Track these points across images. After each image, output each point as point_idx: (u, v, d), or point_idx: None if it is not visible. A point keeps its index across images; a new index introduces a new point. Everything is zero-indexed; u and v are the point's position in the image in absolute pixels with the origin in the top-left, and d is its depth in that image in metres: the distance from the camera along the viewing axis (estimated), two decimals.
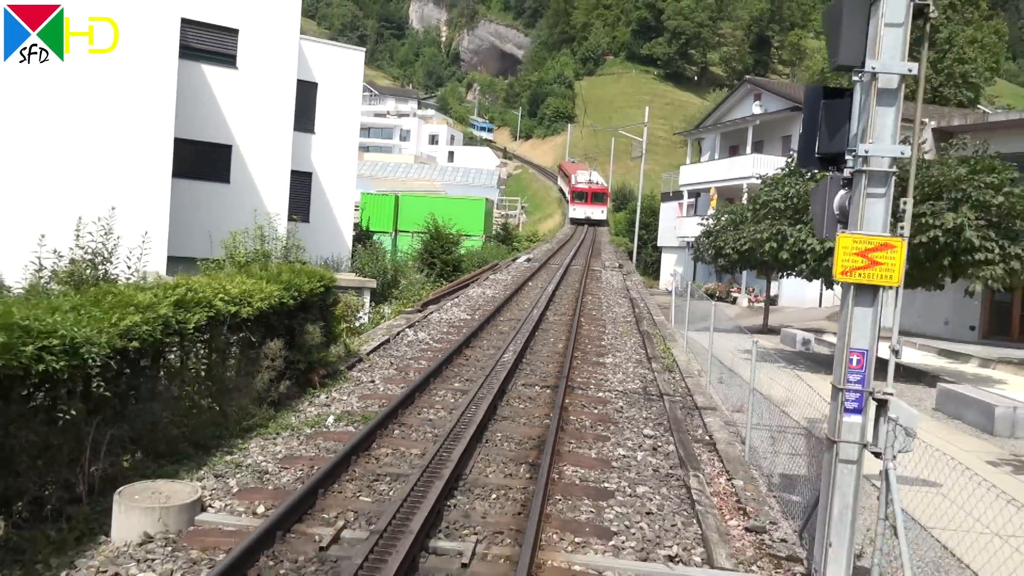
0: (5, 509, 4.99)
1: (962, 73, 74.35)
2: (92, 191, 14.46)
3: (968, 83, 75.94)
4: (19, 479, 5.04)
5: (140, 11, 15.41)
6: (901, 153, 4.93)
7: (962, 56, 74.42)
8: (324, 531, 5.51)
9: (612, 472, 7.29)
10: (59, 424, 5.34)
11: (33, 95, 14.48)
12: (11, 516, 5.04)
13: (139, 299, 6.47)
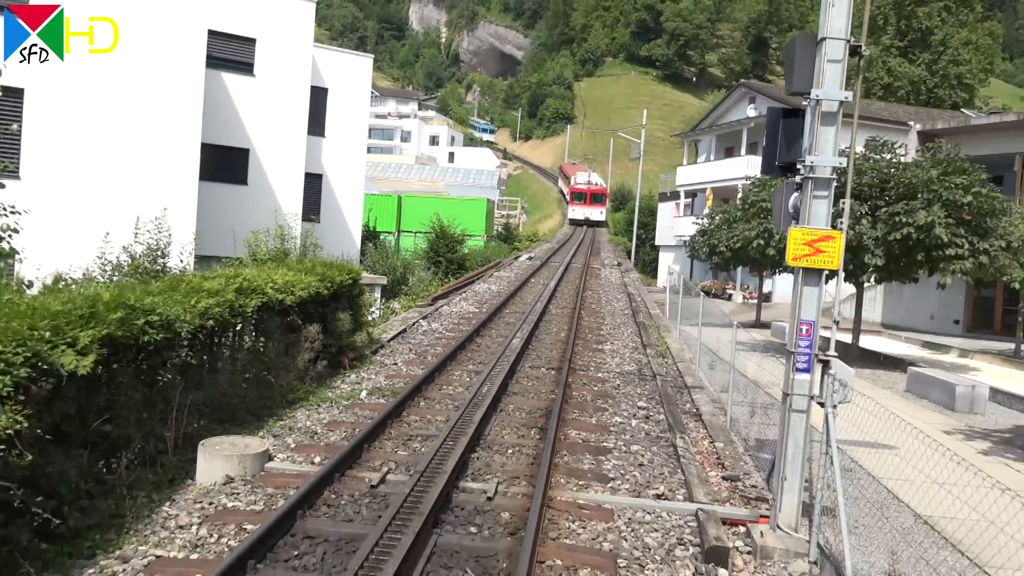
0: (118, 453, 6.17)
1: (956, 75, 75.44)
2: (131, 194, 15.67)
3: (963, 84, 77.06)
4: (128, 429, 6.23)
5: (173, 28, 16.60)
6: (840, 163, 6.12)
7: (956, 58, 75.48)
8: (372, 475, 6.71)
9: (610, 435, 8.51)
10: (156, 387, 6.54)
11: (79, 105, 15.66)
12: (122, 460, 6.22)
13: (207, 286, 7.67)
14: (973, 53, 75.43)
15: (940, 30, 74.60)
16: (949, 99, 73.89)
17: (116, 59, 15.82)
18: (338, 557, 5.21)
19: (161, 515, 5.82)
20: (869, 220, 15.59)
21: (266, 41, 22.19)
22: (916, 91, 72.66)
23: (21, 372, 4.70)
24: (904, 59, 73.80)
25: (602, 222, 62.27)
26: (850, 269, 16.20)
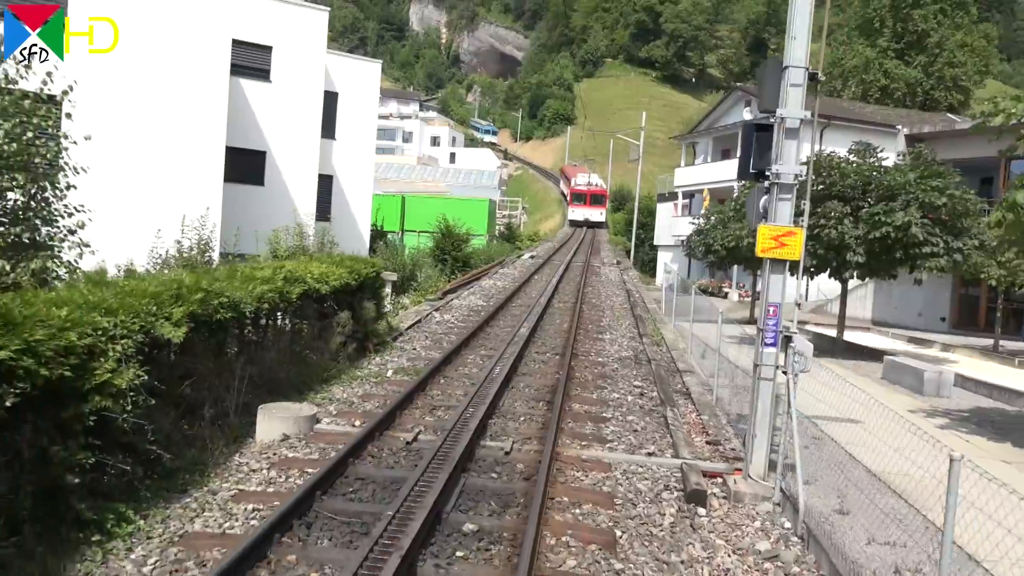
0: (193, 413, 7.37)
1: (952, 76, 76.62)
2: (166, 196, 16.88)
3: (958, 86, 78.21)
4: (203, 393, 7.43)
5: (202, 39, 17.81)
6: (800, 172, 7.32)
7: (952, 60, 76.64)
8: (406, 435, 7.92)
9: (608, 407, 9.72)
10: (223, 358, 7.74)
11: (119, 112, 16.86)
12: (196, 419, 7.42)
13: (259, 275, 8.87)
14: (968, 55, 76.61)
15: (936, 32, 75.75)
16: (945, 101, 75.06)
17: (152, 70, 17.06)
18: (386, 492, 6.41)
19: (234, 462, 7.03)
20: (851, 220, 16.78)
21: (282, 49, 23.39)
22: (912, 93, 73.87)
23: (138, 338, 5.91)
24: (900, 61, 75.02)
25: (602, 223, 63.11)
26: (834, 266, 17.42)
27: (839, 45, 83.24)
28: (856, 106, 41.79)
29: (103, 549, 5.20)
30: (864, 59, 73.44)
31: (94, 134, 9.54)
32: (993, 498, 4.59)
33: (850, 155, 18.48)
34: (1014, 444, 9.91)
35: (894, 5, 74.57)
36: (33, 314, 5.12)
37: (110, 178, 16.57)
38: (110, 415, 5.52)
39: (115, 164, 16.75)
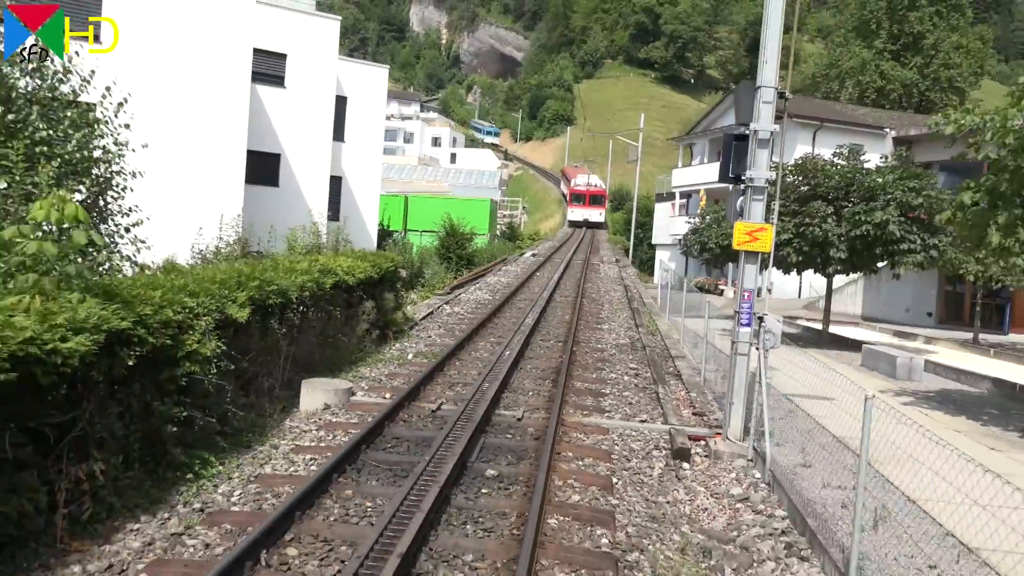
0: (249, 385, 8.59)
1: (948, 78, 77.82)
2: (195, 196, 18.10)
3: (954, 88, 79.40)
4: (257, 368, 8.65)
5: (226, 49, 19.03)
6: (770, 177, 8.54)
7: (948, 61, 77.85)
8: (431, 405, 9.16)
9: (607, 385, 10.96)
10: (273, 338, 8.97)
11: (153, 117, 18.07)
12: (252, 390, 8.64)
13: (298, 267, 10.11)
14: (964, 57, 77.79)
15: (931, 34, 76.93)
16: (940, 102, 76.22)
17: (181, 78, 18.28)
18: (419, 447, 7.64)
19: (287, 425, 8.27)
20: (835, 219, 18.01)
21: (296, 56, 24.63)
22: (908, 94, 75.09)
23: (214, 316, 7.14)
24: (896, 63, 76.26)
25: (601, 223, 63.87)
26: (818, 262, 18.66)
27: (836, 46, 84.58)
28: (848, 108, 43.00)
29: (196, 485, 6.44)
30: (860, 60, 74.74)
31: (131, 141, 10.71)
32: (939, 457, 5.77)
33: (835, 158, 19.72)
34: (968, 417, 11.15)
35: (890, 7, 75.80)
36: (137, 295, 6.35)
37: (145, 180, 17.83)
38: (197, 378, 6.76)
39: (150, 168, 17.97)
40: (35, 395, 5.17)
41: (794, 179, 19.07)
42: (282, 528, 5.55)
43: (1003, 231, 9.44)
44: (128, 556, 5.21)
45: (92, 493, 5.62)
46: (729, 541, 6.39)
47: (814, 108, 39.65)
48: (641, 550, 5.89)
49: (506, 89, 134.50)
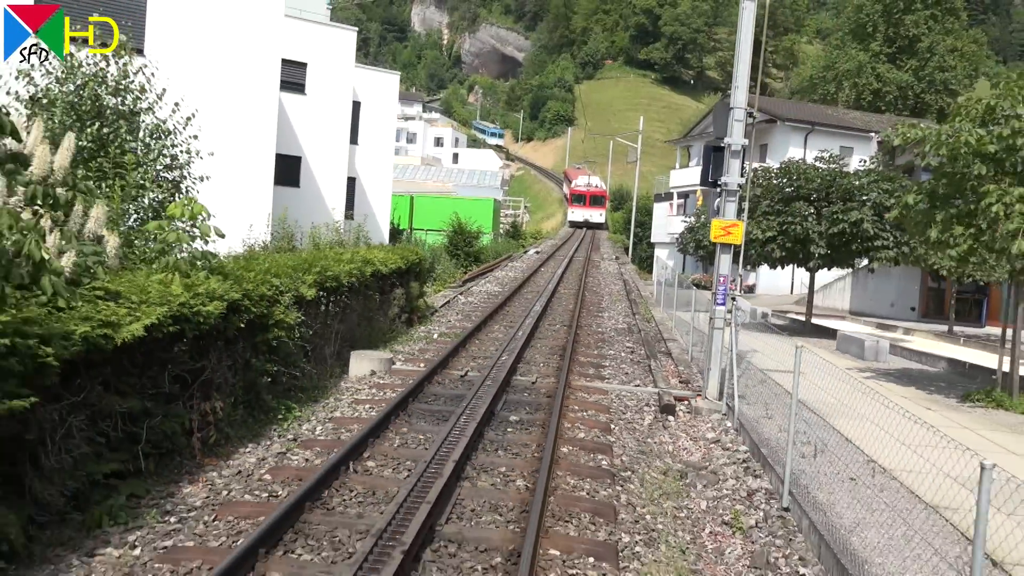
0: (312, 353, 10.44)
1: (942, 80, 79.64)
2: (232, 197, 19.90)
3: (948, 90, 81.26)
4: (315, 340, 10.50)
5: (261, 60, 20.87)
6: (741, 182, 10.39)
7: (942, 64, 79.66)
8: (459, 372, 11.02)
9: (606, 360, 12.83)
10: (327, 315, 10.82)
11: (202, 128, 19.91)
12: (312, 357, 10.49)
13: (344, 258, 11.96)
14: (958, 60, 79.58)
15: (927, 37, 78.72)
16: (935, 104, 78.04)
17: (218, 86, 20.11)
18: (454, 402, 9.50)
19: (342, 386, 10.14)
20: (815, 218, 19.87)
21: (315, 65, 26.48)
22: (904, 96, 76.92)
23: (293, 294, 8.99)
24: (892, 65, 78.08)
25: (602, 224, 65.18)
26: (800, 257, 20.52)
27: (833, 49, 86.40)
28: (840, 112, 44.87)
29: (284, 424, 8.30)
30: (857, 63, 76.57)
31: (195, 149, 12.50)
32: (879, 412, 7.50)
33: (817, 162, 21.58)
34: (917, 388, 13.01)
35: (886, 10, 77.64)
36: (240, 275, 8.20)
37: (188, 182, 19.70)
38: (282, 341, 8.61)
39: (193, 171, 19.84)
40: (180, 347, 7.02)
41: (779, 181, 20.94)
42: (359, 450, 7.40)
43: (940, 227, 11.30)
44: (249, 467, 7.07)
45: (215, 424, 7.48)
46: (702, 468, 8.25)
47: (806, 112, 41.52)
48: (632, 471, 7.75)
49: (507, 90, 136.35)
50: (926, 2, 77.32)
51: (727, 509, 7.11)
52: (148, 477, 6.43)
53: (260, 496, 6.33)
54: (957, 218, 11.28)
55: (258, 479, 6.75)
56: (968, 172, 10.91)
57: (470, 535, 5.74)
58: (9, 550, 4.95)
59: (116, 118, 11.56)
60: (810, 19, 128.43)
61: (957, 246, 11.15)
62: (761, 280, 38.72)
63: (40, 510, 5.40)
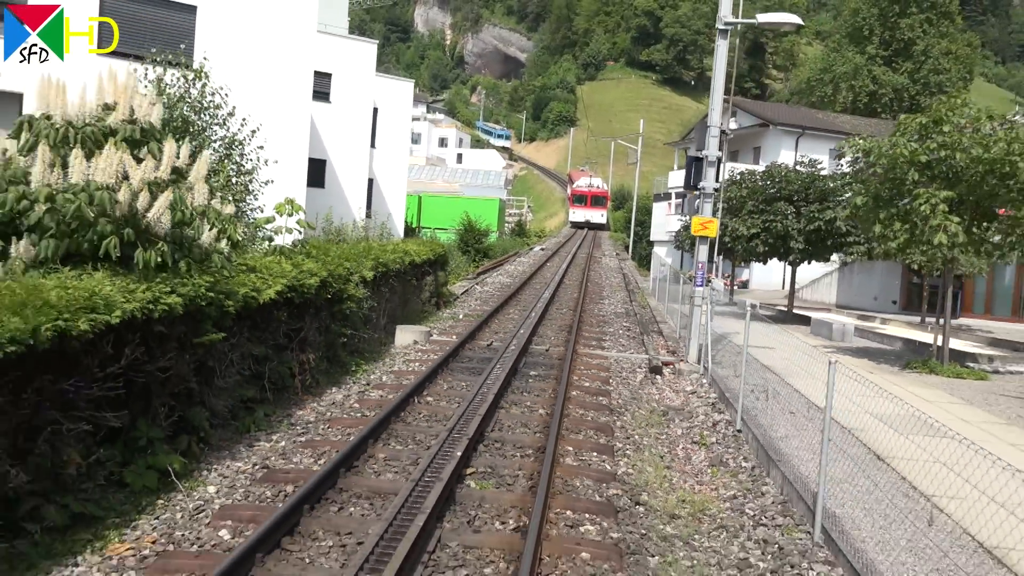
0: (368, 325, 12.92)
1: (937, 83, 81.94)
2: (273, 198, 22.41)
3: (943, 92, 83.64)
4: (370, 315, 12.99)
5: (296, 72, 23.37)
6: (717, 186, 12.88)
7: (937, 67, 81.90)
8: (485, 342, 13.53)
9: (606, 335, 15.35)
10: (379, 296, 13.33)
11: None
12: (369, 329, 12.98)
13: (389, 248, 14.47)
14: (953, 62, 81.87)
15: (921, 40, 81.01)
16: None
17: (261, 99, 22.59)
18: (484, 362, 11.99)
19: (393, 351, 12.65)
20: (794, 216, 22.33)
21: (340, 75, 28.98)
22: (899, 99, 79.26)
23: (358, 275, 11.50)
24: (888, 68, 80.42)
25: (604, 225, 66.85)
26: (781, 252, 22.98)
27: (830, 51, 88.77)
28: (830, 116, 47.32)
29: (356, 375, 10.81)
30: (853, 66, 78.92)
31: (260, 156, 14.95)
32: (843, 379, 10.00)
33: (798, 166, 24.06)
34: (869, 360, 15.49)
35: (882, 14, 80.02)
36: (325, 259, 10.70)
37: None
38: (353, 311, 11.12)
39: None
40: (288, 311, 9.51)
41: (763, 183, 23.42)
42: (419, 390, 9.90)
43: (882, 224, 13.79)
44: (340, 400, 9.58)
45: (309, 371, 9.99)
46: (679, 409, 10.75)
47: (797, 116, 44.03)
48: (626, 409, 10.25)
49: (510, 90, 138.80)
50: (921, 6, 79.72)
51: (696, 433, 9.61)
52: (270, 404, 8.93)
53: (355, 415, 8.85)
54: (896, 216, 13.77)
55: (349, 406, 9.27)
56: (905, 178, 13.40)
57: (509, 439, 8.25)
58: (201, 438, 7.45)
59: (198, 132, 14.07)
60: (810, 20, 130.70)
61: (896, 239, 13.65)
62: (755, 276, 41.18)
63: (213, 416, 7.90)
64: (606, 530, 6.11)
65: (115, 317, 5.83)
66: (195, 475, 6.80)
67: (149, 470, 6.49)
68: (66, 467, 5.74)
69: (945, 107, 13.65)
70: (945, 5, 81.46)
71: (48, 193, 6.23)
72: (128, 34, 20.97)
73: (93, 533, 5.57)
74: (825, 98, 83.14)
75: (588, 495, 6.85)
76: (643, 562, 5.67)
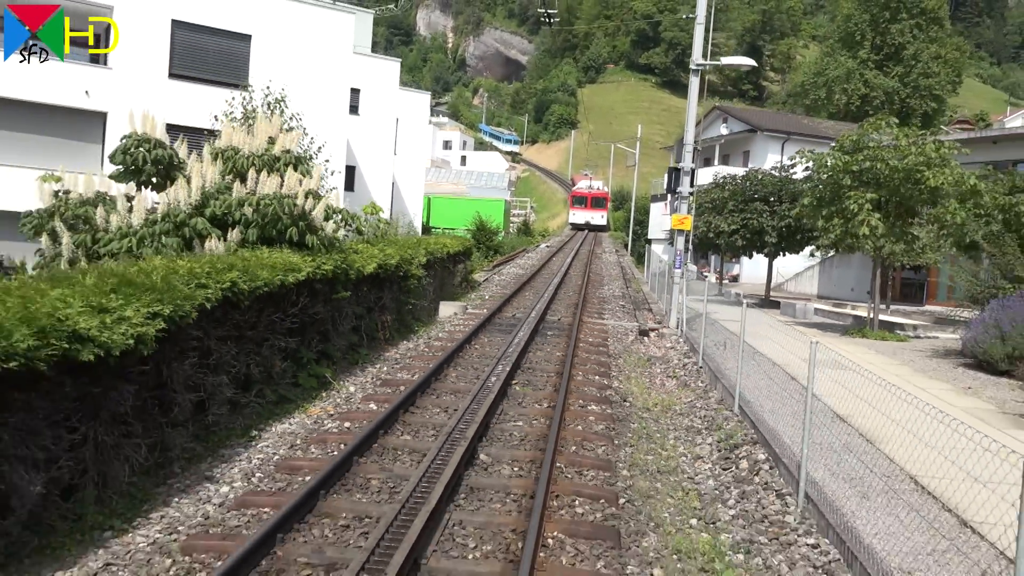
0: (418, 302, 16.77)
1: (926, 86, 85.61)
2: None
3: (932, 95, 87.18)
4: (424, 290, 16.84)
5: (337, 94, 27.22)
6: (692, 191, 16.73)
7: (927, 71, 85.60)
8: (510, 314, 17.43)
9: (606, 311, 19.24)
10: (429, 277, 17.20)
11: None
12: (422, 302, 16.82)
13: (430, 241, 18.32)
14: (942, 66, 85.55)
15: (912, 45, 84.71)
16: (920, 108, 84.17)
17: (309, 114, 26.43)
18: (512, 326, 15.85)
19: (439, 320, 16.53)
20: (768, 214, 26.15)
21: (367, 90, 32.84)
22: (890, 101, 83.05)
23: (417, 260, 15.38)
24: (879, 71, 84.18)
25: (604, 227, 68.70)
26: (757, 245, 26.80)
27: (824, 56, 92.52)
28: (814, 122, 51.12)
29: (419, 333, 14.68)
30: (846, 70, 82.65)
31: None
32: (778, 333, 13.84)
33: (773, 171, 27.87)
34: (819, 330, 19.33)
35: (873, 20, 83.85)
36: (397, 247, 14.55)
37: None
38: (415, 287, 14.97)
39: None
40: (373, 283, 13.33)
41: (743, 185, 27.24)
42: (469, 340, 13.75)
43: (824, 219, 17.62)
44: (413, 346, 13.45)
45: (388, 328, 13.85)
46: (660, 358, 14.60)
47: (783, 122, 47.89)
48: (620, 357, 14.10)
49: (512, 92, 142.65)
50: (911, 12, 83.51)
51: (670, 371, 13.45)
52: (366, 348, 12.77)
53: (428, 355, 12.72)
54: (834, 213, 17.60)
55: (421, 351, 13.15)
56: (841, 183, 17.23)
57: (538, 367, 12.13)
58: (334, 362, 11.29)
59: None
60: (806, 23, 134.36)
61: (834, 231, 17.48)
62: (744, 270, 44.99)
63: (335, 351, 11.73)
64: (604, 410, 9.97)
65: (301, 276, 9.68)
66: (337, 383, 10.65)
67: (311, 377, 10.36)
68: (273, 367, 9.59)
69: (871, 126, 17.51)
70: (934, 11, 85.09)
71: (255, 200, 10.08)
72: (195, 60, 25.03)
73: (294, 406, 9.42)
74: (819, 101, 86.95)
75: (592, 394, 10.71)
76: (627, 425, 9.53)
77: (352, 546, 5.52)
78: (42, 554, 5.27)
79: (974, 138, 25.27)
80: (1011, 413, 10.32)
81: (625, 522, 6.37)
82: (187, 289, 7.02)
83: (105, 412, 5.99)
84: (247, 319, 8.57)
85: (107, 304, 5.97)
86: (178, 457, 7.14)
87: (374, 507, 6.21)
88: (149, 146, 10.46)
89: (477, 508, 6.39)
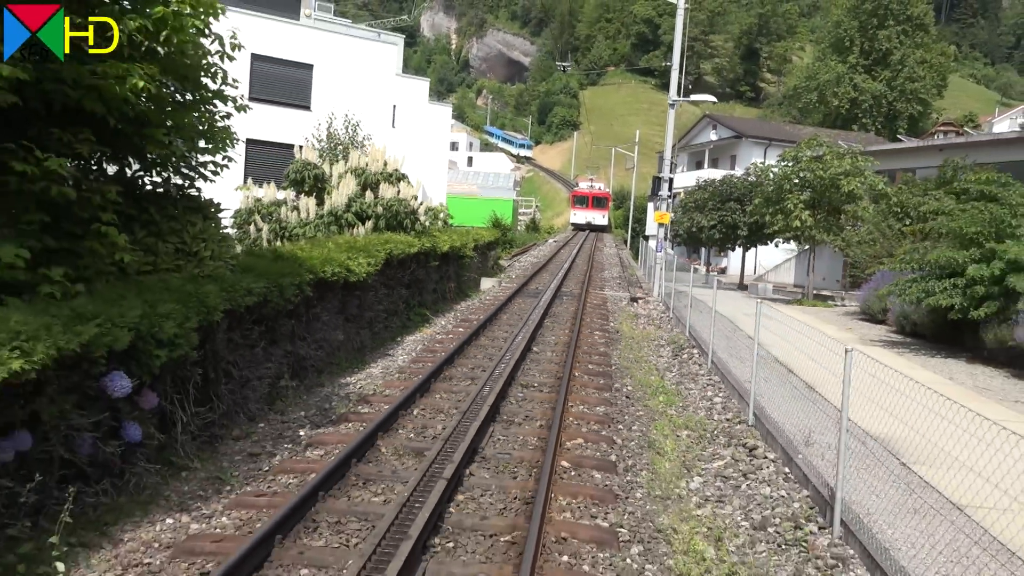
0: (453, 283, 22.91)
1: (912, 90, 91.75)
2: None
3: (918, 98, 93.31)
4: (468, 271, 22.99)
5: (383, 110, 33.36)
6: (669, 195, 22.90)
7: (913, 75, 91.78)
8: (534, 287, 23.66)
9: (606, 287, 25.52)
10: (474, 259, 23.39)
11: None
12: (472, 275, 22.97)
13: (474, 233, 24.52)
14: (927, 71, 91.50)
15: (898, 51, 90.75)
16: (906, 111, 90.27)
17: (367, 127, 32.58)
18: (537, 294, 22.03)
19: (482, 291, 22.74)
20: (741, 212, 32.29)
21: (401, 106, 38.99)
22: (878, 104, 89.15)
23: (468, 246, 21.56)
24: (868, 76, 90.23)
25: (605, 227, 71.92)
26: (732, 239, 32.95)
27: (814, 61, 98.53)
28: (796, 128, 57.21)
29: (472, 297, 20.87)
30: (836, 74, 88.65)
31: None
32: (739, 305, 19.83)
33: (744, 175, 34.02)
34: (771, 302, 25.49)
35: (862, 26, 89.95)
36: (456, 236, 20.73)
37: None
38: (468, 263, 21.16)
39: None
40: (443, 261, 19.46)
41: (721, 188, 33.40)
42: (509, 301, 19.94)
43: (770, 215, 23.79)
44: (470, 304, 19.67)
45: (452, 292, 20.02)
46: (644, 315, 20.78)
47: (766, 129, 54.07)
48: (615, 314, 20.29)
49: (516, 94, 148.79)
50: (898, 18, 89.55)
51: (649, 321, 19.62)
52: (441, 303, 18.92)
53: (483, 307, 18.93)
54: (778, 211, 23.77)
55: (477, 306, 19.38)
56: (784, 187, 23.40)
57: (559, 316, 18.39)
58: (426, 309, 17.48)
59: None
60: (801, 26, 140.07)
61: (777, 224, 23.67)
62: (732, 264, 51.12)
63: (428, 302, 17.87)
64: (604, 335, 16.14)
65: (413, 250, 15.85)
66: (431, 322, 16.80)
67: (417, 316, 16.53)
68: (399, 306, 15.76)
69: (806, 145, 23.70)
70: (920, 17, 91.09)
71: (384, 201, 16.25)
72: (268, 86, 31.20)
73: (415, 328, 15.60)
74: (811, 104, 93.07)
75: (597, 326, 16.91)
76: (618, 342, 15.71)
77: (475, 382, 11.69)
78: (335, 368, 11.49)
79: (883, 150, 31.59)
80: (867, 339, 16.51)
81: (615, 375, 12.55)
82: (379, 252, 13.21)
83: (351, 306, 12.23)
84: (393, 273, 14.76)
85: (350, 255, 12.15)
86: (367, 346, 13.33)
87: (487, 362, 12.41)
88: (310, 169, 16.63)
89: (537, 363, 12.64)
